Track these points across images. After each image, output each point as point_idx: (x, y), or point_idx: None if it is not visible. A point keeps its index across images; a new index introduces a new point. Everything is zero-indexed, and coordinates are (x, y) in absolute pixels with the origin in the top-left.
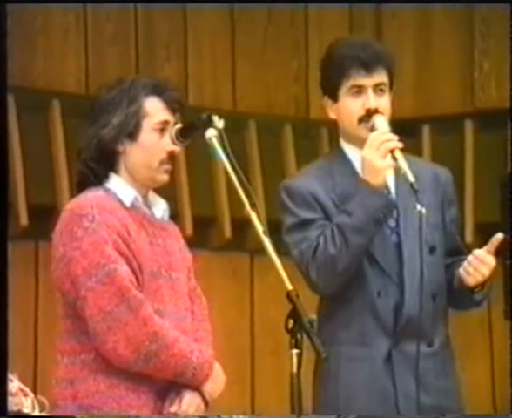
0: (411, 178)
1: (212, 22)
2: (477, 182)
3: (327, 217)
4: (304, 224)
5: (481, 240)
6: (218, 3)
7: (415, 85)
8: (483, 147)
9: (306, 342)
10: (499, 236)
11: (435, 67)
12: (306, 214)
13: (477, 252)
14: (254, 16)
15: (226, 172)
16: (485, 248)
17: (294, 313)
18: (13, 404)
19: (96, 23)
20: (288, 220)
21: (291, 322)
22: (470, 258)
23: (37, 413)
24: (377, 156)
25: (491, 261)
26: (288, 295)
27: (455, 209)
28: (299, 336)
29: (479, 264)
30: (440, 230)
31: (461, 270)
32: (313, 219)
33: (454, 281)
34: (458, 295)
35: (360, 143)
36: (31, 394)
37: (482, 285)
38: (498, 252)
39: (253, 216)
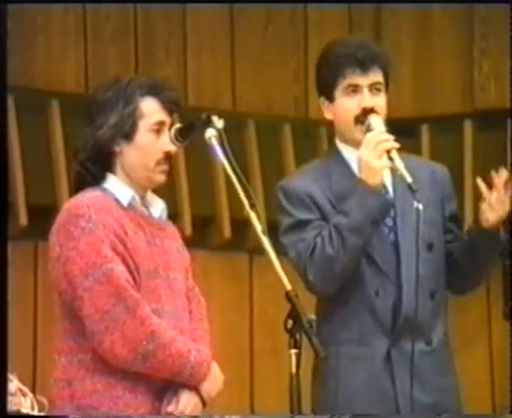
0: (408, 179)
1: (211, 22)
2: (476, 182)
3: (324, 217)
4: (301, 224)
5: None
6: (217, 3)
7: (415, 85)
8: (483, 147)
9: (305, 342)
10: (503, 172)
11: (435, 67)
12: (302, 215)
13: (497, 180)
14: (254, 15)
15: (226, 172)
16: (496, 184)
17: (293, 313)
18: (12, 404)
19: (95, 23)
20: (285, 221)
21: (290, 322)
22: (488, 195)
23: (36, 413)
24: (373, 156)
25: (505, 194)
26: (287, 295)
27: (455, 203)
28: (298, 336)
29: (497, 198)
30: (438, 227)
31: (480, 209)
32: (310, 220)
33: (466, 247)
34: (478, 252)
35: (356, 143)
36: (30, 394)
37: (503, 222)
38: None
39: (253, 216)
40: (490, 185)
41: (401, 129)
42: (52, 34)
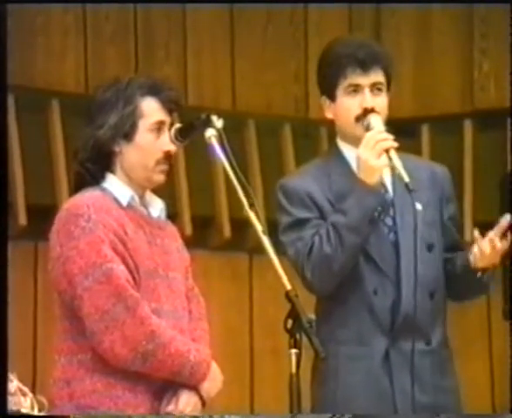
0: (406, 178)
1: (211, 22)
2: (476, 182)
3: (323, 216)
4: (300, 223)
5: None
6: (217, 3)
7: (415, 85)
8: (483, 147)
9: (305, 342)
10: (507, 217)
11: (435, 67)
12: (301, 214)
13: (490, 235)
14: (254, 15)
15: (226, 172)
16: (493, 231)
17: (293, 313)
18: (12, 404)
19: (95, 23)
20: (284, 220)
21: (290, 322)
22: (480, 242)
23: (36, 412)
24: (372, 155)
25: (500, 244)
26: (287, 295)
27: (454, 206)
28: (298, 336)
29: (490, 248)
30: (438, 227)
31: (470, 255)
32: (309, 219)
33: (457, 270)
34: (464, 282)
35: (356, 142)
36: (30, 394)
37: (490, 268)
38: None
39: (252, 216)
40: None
41: (401, 129)
42: (52, 34)
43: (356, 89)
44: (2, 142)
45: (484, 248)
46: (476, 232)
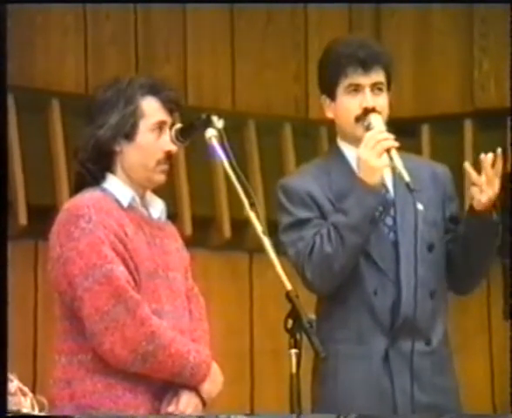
0: (406, 178)
1: (211, 22)
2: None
3: (324, 216)
4: (300, 223)
5: None
6: (217, 3)
7: (415, 85)
8: (483, 147)
9: (305, 342)
10: (488, 155)
11: (435, 67)
12: (302, 213)
13: (483, 159)
14: (254, 16)
15: (226, 172)
16: (483, 168)
17: (294, 313)
18: (12, 404)
19: (95, 23)
20: (285, 220)
21: (290, 322)
22: (475, 178)
23: (36, 413)
24: (373, 155)
25: (493, 171)
26: (287, 295)
27: (456, 205)
28: (298, 336)
29: (486, 177)
30: (438, 227)
31: (471, 194)
32: (310, 219)
33: (462, 233)
34: (472, 237)
35: (357, 142)
36: (30, 394)
37: (494, 205)
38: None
39: (253, 216)
40: (479, 172)
41: (402, 129)
42: (52, 34)
43: (357, 88)
44: (2, 142)
45: (481, 180)
46: (469, 168)
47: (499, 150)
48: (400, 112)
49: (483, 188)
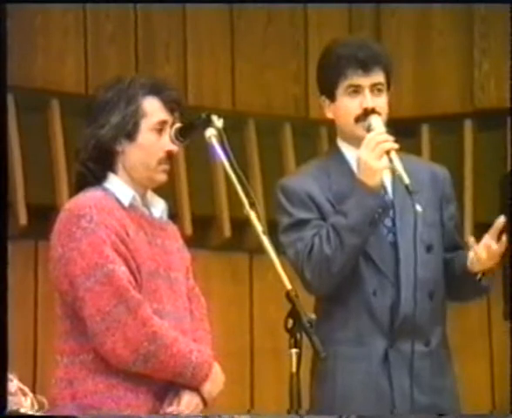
0: (406, 180)
1: (211, 22)
2: (477, 182)
3: (323, 217)
4: (300, 224)
5: (481, 240)
6: (217, 3)
7: (415, 85)
8: (483, 147)
9: (305, 342)
10: (501, 219)
11: (435, 67)
12: (301, 214)
13: (485, 240)
14: (254, 16)
15: (226, 172)
16: (488, 235)
17: (294, 313)
18: (12, 403)
19: (95, 23)
20: (284, 220)
21: (290, 322)
22: (476, 247)
23: (36, 412)
24: (373, 157)
25: (497, 247)
26: (288, 295)
27: (454, 206)
28: (298, 336)
29: (486, 252)
30: (437, 228)
31: (467, 259)
32: (309, 219)
33: (457, 271)
34: (463, 284)
35: (356, 142)
36: (30, 394)
37: (489, 270)
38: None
39: (253, 216)
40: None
41: (402, 129)
42: (52, 34)
43: (357, 89)
44: (2, 142)
45: (480, 253)
46: (471, 239)
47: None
48: (400, 112)
49: (480, 259)
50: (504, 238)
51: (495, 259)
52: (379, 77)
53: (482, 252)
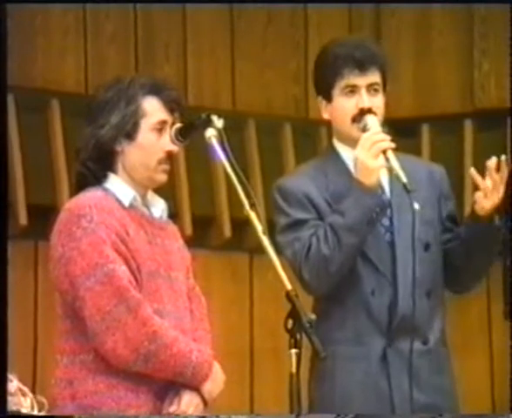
0: (403, 179)
1: (211, 22)
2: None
3: (321, 217)
4: (297, 224)
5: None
6: (217, 3)
7: (415, 85)
8: (483, 147)
9: (304, 342)
10: (493, 159)
11: (435, 67)
12: (299, 214)
13: (489, 164)
14: (254, 16)
15: (226, 172)
16: (488, 172)
17: (294, 313)
18: (12, 404)
19: (95, 23)
20: (281, 220)
21: (290, 322)
22: (481, 183)
23: (36, 412)
24: (369, 156)
25: (499, 175)
26: (288, 295)
27: (452, 203)
28: (298, 336)
29: (492, 182)
30: (435, 226)
31: (475, 198)
32: (306, 220)
33: (463, 234)
34: (474, 241)
35: (353, 142)
36: (30, 394)
37: (497, 210)
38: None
39: (253, 216)
40: (483, 176)
41: (401, 129)
42: (52, 34)
43: (353, 89)
44: (2, 142)
45: (486, 185)
46: (474, 173)
47: (503, 157)
48: (400, 112)
49: (488, 194)
50: (504, 171)
51: (500, 189)
52: (375, 76)
53: (488, 182)
